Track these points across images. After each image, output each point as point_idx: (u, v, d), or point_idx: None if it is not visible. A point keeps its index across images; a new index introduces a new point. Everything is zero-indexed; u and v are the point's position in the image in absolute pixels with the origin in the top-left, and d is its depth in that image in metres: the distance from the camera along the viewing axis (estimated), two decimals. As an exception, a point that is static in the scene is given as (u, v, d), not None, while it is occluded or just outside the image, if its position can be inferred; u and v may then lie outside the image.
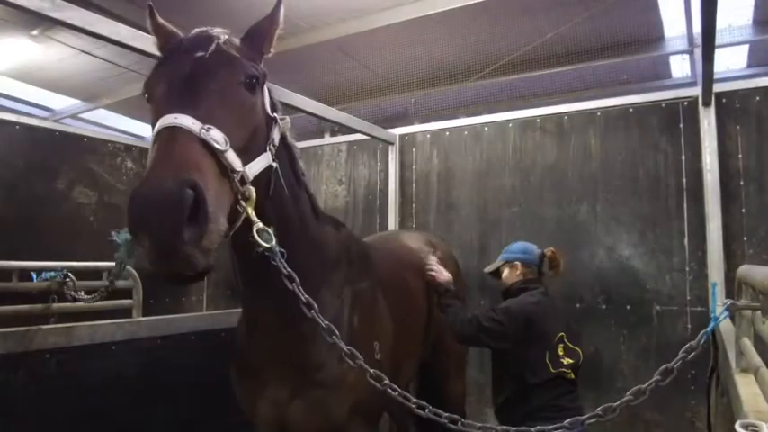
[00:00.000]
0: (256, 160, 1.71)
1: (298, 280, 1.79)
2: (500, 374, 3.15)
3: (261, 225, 1.64)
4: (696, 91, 3.83)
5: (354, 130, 4.82)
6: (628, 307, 3.97)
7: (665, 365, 1.95)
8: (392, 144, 4.81)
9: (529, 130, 4.45)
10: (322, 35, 6.11)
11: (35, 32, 5.84)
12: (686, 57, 7.39)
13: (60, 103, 7.87)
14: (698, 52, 6.26)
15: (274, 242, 1.69)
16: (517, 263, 3.26)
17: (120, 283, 4.08)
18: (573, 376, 2.95)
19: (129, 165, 4.96)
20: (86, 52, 6.40)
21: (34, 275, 3.13)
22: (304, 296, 1.81)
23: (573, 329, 3.11)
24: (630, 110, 4.12)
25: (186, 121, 1.44)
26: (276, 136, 1.89)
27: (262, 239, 1.65)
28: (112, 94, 7.45)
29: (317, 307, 1.83)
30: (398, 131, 4.94)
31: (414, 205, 4.86)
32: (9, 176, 3.83)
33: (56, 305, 3.55)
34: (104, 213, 4.80)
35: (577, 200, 4.20)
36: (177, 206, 1.27)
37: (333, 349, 1.96)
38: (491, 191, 4.52)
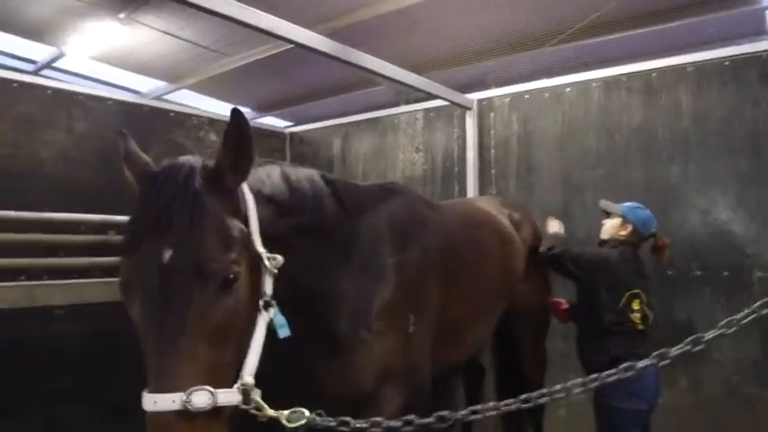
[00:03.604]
0: (252, 347, 1.63)
1: None
2: (581, 320, 3.34)
3: (285, 414, 1.64)
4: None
5: (430, 98, 4.79)
6: (725, 273, 3.76)
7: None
8: (470, 109, 4.74)
9: (614, 89, 4.27)
10: (392, 4, 6.05)
11: (122, 15, 6.09)
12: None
13: (147, 85, 8.23)
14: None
15: (303, 420, 1.67)
16: (630, 226, 3.27)
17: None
18: (642, 327, 3.06)
19: (213, 137, 5.14)
20: (170, 34, 6.62)
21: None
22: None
23: (649, 295, 3.16)
24: (726, 63, 3.85)
25: (165, 403, 1.39)
26: (268, 284, 1.73)
27: (292, 423, 1.65)
28: (195, 74, 7.70)
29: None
30: (476, 96, 4.85)
31: (493, 171, 4.78)
32: (103, 148, 4.19)
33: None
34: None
35: (668, 160, 4.00)
36: None
37: (357, 325, 2.17)
38: (574, 154, 4.38)
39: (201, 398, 1.40)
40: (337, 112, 7.06)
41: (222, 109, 8.62)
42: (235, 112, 1.59)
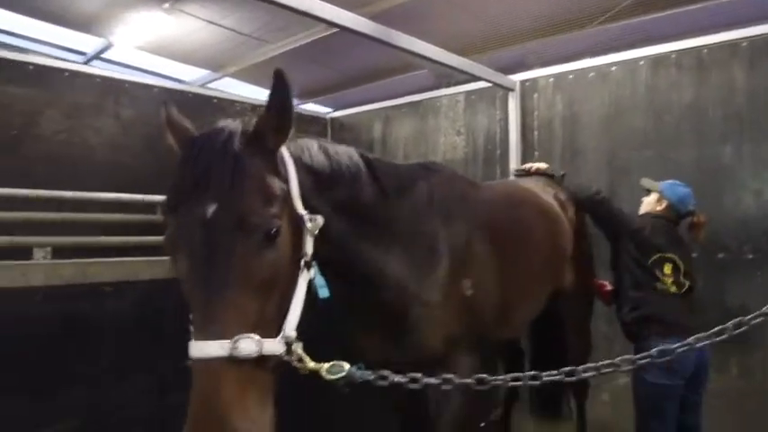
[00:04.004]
0: (294, 303, 1.65)
1: None
2: (616, 280, 3.39)
3: (326, 366, 1.67)
4: None
5: (472, 80, 4.73)
6: (779, 256, 3.62)
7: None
8: (512, 91, 4.67)
9: (662, 67, 4.13)
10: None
11: (166, 5, 6.18)
12: None
13: (191, 74, 8.36)
14: None
15: (343, 373, 1.69)
16: (666, 201, 3.31)
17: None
18: (675, 290, 3.12)
19: (256, 123, 5.22)
20: (213, 23, 6.70)
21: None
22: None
23: (687, 265, 3.20)
24: (783, 37, 3.69)
25: (212, 349, 1.41)
26: (309, 244, 1.74)
27: (332, 375, 1.68)
28: (237, 62, 7.76)
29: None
30: (519, 77, 4.77)
31: (536, 153, 4.70)
32: (151, 134, 4.29)
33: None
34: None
35: (720, 140, 3.86)
36: None
37: (414, 300, 2.26)
38: (620, 135, 4.27)
39: (248, 345, 1.42)
40: (378, 97, 7.03)
41: (264, 95, 8.70)
42: (278, 73, 1.62)
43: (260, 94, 8.67)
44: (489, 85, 4.73)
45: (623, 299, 3.28)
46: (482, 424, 4.68)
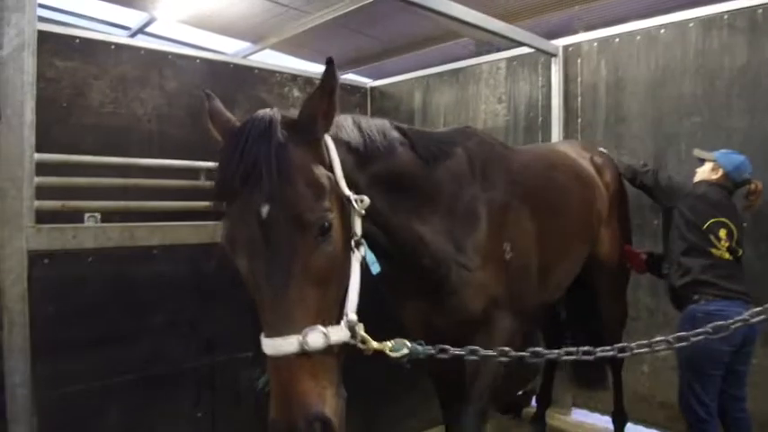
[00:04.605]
0: (351, 285, 1.70)
1: None
2: (670, 251, 3.31)
3: (389, 345, 1.75)
4: None
5: (513, 46, 4.64)
6: (837, 227, 3.48)
7: None
8: (555, 56, 4.55)
9: (714, 28, 3.95)
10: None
11: (207, -23, 6.23)
12: None
13: (232, 46, 8.43)
14: None
15: (405, 350, 1.77)
16: (721, 169, 3.26)
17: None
18: (728, 257, 3.10)
19: (296, 93, 5.26)
20: (252, -6, 6.71)
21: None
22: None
23: (740, 233, 3.18)
24: None
25: (285, 346, 1.50)
26: (358, 224, 1.78)
27: (396, 352, 1.75)
28: (277, 33, 7.78)
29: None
30: (562, 42, 4.64)
31: (579, 120, 4.59)
32: (193, 105, 4.41)
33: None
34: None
35: (774, 106, 3.69)
36: None
37: (455, 265, 2.31)
38: (668, 100, 4.12)
39: (316, 337, 1.52)
40: (418, 66, 6.97)
41: (303, 66, 8.75)
42: (330, 60, 1.64)
43: (300, 66, 8.71)
44: (531, 51, 4.62)
45: (674, 265, 3.23)
46: (520, 392, 4.71)
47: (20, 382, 2.19)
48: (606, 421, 4.09)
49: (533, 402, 4.52)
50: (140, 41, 4.91)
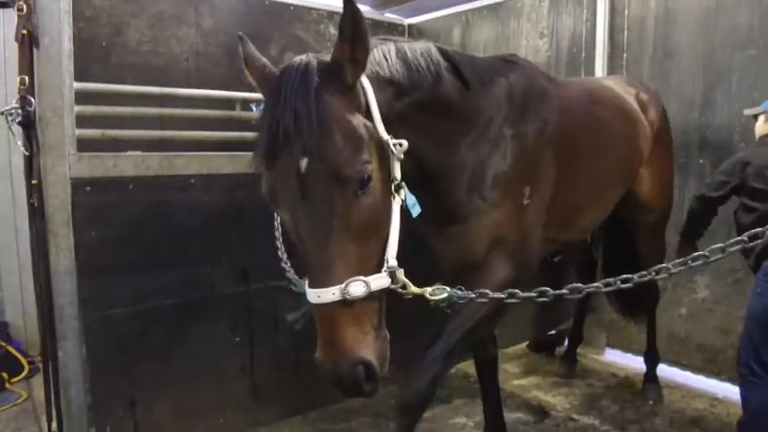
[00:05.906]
0: (392, 231, 1.73)
1: None
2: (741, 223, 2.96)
3: (429, 290, 1.80)
4: None
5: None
6: None
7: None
8: (601, -13, 4.34)
9: (778, -50, 3.68)
10: None
11: None
12: None
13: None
14: None
15: (445, 294, 1.82)
16: None
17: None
18: None
19: (332, 31, 5.17)
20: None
21: (254, 107, 3.50)
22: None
23: None
24: None
25: (328, 296, 1.57)
26: (397, 168, 1.77)
27: (436, 297, 1.81)
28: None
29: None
30: (609, -28, 4.41)
31: (625, 55, 4.39)
32: (230, 43, 4.36)
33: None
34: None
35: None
36: (355, 382, 1.60)
37: (473, 194, 2.28)
38: (721, 33, 3.88)
39: (357, 287, 1.57)
40: (456, 2, 6.75)
41: (340, 3, 8.56)
42: (347, 2, 1.59)
43: (337, 2, 8.52)
44: (577, -18, 4.42)
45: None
46: (551, 332, 4.74)
47: (68, 302, 2.31)
48: (639, 362, 4.08)
49: (566, 342, 4.54)
50: (176, -21, 4.87)
